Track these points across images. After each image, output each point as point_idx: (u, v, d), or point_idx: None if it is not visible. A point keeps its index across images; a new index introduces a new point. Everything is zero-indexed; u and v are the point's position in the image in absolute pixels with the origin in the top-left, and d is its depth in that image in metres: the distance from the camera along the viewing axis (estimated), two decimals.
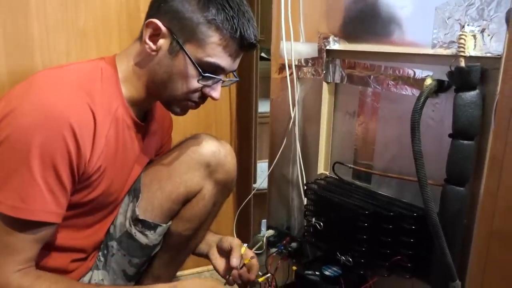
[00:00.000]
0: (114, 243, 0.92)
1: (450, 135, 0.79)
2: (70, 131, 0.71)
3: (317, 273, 1.01)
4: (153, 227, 0.92)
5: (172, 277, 1.06)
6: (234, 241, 0.97)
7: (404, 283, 0.93)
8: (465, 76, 0.77)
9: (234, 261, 0.94)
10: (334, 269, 1.02)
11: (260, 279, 0.91)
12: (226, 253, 1.00)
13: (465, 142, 0.77)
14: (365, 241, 0.92)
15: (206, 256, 1.03)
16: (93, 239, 0.88)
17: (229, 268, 0.95)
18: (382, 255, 0.91)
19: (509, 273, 0.44)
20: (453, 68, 0.79)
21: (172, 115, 0.98)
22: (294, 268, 1.03)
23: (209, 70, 0.79)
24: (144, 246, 0.92)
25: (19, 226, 0.71)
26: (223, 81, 0.82)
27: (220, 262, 1.00)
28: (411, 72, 0.89)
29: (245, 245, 0.94)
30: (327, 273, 1.01)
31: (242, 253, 0.96)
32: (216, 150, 0.94)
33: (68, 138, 0.71)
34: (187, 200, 0.95)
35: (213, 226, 1.07)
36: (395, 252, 0.89)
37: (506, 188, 0.45)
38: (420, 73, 0.88)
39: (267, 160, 1.37)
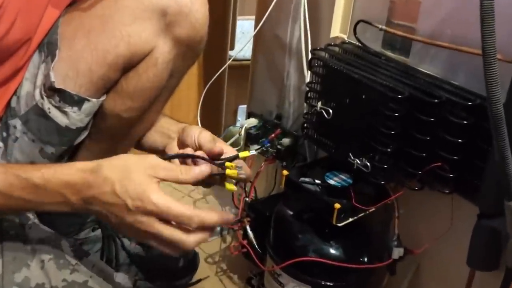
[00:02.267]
0: (17, 122, 0.91)
1: None
2: None
3: (317, 181, 1.04)
4: (76, 101, 0.91)
5: None
6: (203, 134, 0.97)
7: (440, 200, 0.97)
8: None
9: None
10: (343, 177, 1.05)
11: (242, 154, 0.91)
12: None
13: None
14: (393, 138, 0.93)
15: (162, 152, 1.04)
16: None
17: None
18: (415, 159, 0.93)
19: None
20: None
21: None
22: (285, 173, 1.06)
23: None
24: (63, 129, 0.92)
25: None
26: None
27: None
28: None
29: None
30: (332, 182, 1.04)
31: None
32: None
33: None
34: (130, 65, 0.93)
35: (167, 110, 1.06)
36: (433, 157, 0.91)
37: None
38: None
39: (253, 17, 1.34)
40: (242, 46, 1.38)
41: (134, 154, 0.82)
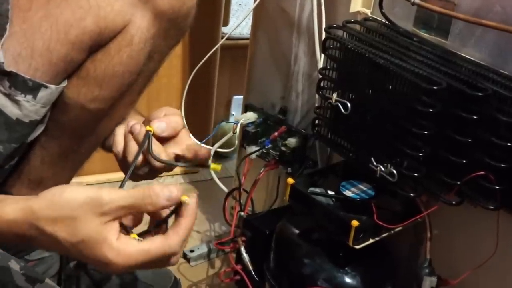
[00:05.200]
0: None
1: None
2: None
3: (330, 192, 1.05)
4: (31, 88, 0.91)
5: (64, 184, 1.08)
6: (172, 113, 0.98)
7: (483, 217, 0.97)
8: None
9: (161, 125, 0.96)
10: (362, 187, 1.06)
11: (213, 166, 0.92)
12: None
13: None
14: (426, 140, 0.94)
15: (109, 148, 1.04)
16: None
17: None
18: (453, 167, 0.93)
19: None
20: None
21: None
22: (290, 181, 1.06)
23: None
24: (13, 123, 0.92)
25: None
26: None
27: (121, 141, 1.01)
28: None
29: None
30: (349, 193, 1.05)
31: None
32: None
33: None
34: (98, 44, 0.94)
35: (143, 101, 1.07)
36: (476, 164, 0.91)
37: None
38: None
39: None
40: (239, 22, 1.38)
41: (77, 192, 0.77)
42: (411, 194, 0.98)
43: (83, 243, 0.76)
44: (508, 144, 0.89)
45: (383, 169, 0.98)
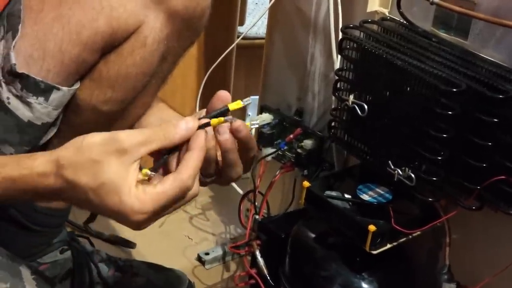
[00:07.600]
0: None
1: None
2: None
3: (347, 196, 1.05)
4: (43, 90, 0.92)
5: None
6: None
7: (504, 222, 0.97)
8: None
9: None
10: (380, 191, 1.05)
11: (232, 106, 0.84)
12: None
13: None
14: (445, 143, 0.93)
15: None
16: None
17: None
18: (472, 171, 0.93)
19: None
20: None
21: None
22: (306, 184, 1.06)
23: None
24: (24, 125, 0.93)
25: None
26: None
27: None
28: None
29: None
30: (366, 197, 1.04)
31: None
32: None
33: None
34: (111, 45, 0.95)
35: None
36: (496, 168, 0.91)
37: None
38: None
39: None
40: (255, 21, 1.38)
41: (96, 136, 0.78)
42: (430, 199, 0.98)
43: (104, 186, 0.75)
44: None
45: (400, 172, 0.97)
